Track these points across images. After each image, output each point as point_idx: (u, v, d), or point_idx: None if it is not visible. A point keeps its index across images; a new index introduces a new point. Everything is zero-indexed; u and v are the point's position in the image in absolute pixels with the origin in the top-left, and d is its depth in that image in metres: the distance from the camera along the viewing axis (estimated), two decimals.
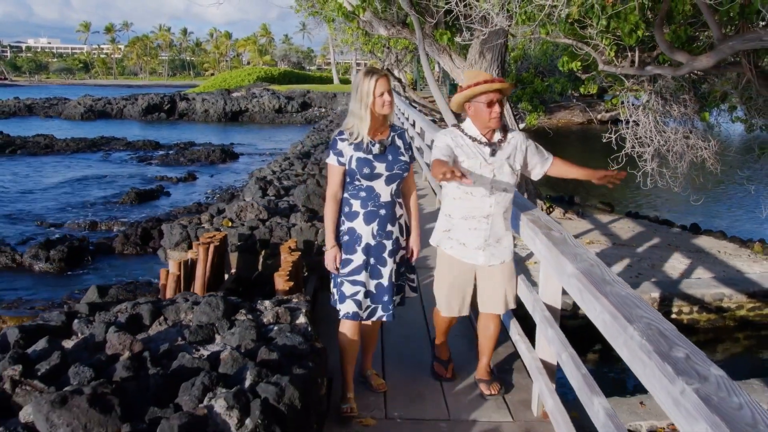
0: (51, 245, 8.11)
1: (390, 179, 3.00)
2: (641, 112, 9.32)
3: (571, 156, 19.71)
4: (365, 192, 2.99)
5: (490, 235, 3.14)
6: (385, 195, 3.01)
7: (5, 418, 2.35)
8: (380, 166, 2.95)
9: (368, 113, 2.89)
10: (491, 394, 3.36)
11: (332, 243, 3.03)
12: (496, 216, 3.12)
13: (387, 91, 2.92)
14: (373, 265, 3.02)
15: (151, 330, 3.15)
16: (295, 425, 2.47)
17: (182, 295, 3.51)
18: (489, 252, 3.17)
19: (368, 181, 2.97)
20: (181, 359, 2.72)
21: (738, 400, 1.32)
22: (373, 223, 3.00)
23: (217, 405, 2.34)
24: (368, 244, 3.00)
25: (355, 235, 3.01)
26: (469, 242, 3.16)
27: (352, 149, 2.95)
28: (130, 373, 2.59)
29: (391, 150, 3.01)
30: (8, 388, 2.43)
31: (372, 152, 2.95)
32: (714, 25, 5.73)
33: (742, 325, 6.45)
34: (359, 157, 2.94)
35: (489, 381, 3.41)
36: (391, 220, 3.04)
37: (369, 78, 2.88)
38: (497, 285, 3.22)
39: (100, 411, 2.24)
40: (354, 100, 2.93)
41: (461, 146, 3.05)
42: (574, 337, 3.02)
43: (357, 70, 4.20)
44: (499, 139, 3.09)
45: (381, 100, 2.89)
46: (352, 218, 3.01)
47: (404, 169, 3.03)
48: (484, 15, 7.97)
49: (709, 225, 10.76)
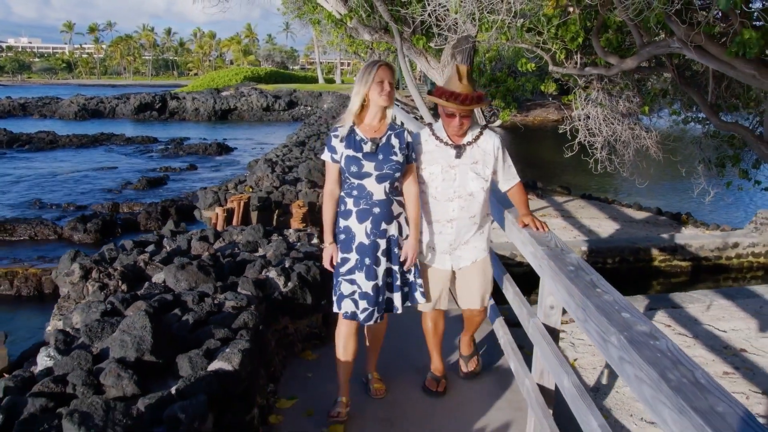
0: (86, 219, 9.55)
1: (381, 178, 2.87)
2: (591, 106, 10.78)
3: (545, 148, 21.25)
4: (357, 190, 2.90)
5: (455, 239, 3.10)
6: (379, 193, 2.89)
7: (141, 281, 3.87)
8: (369, 165, 2.85)
9: (360, 98, 2.83)
10: (469, 371, 3.40)
11: (329, 240, 2.98)
12: (461, 221, 3.06)
13: (388, 81, 2.82)
14: (369, 265, 2.91)
15: (215, 245, 4.67)
16: (315, 290, 4.01)
17: (230, 226, 5.04)
18: (456, 255, 3.15)
19: (358, 180, 2.88)
20: (242, 255, 4.26)
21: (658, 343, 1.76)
22: (366, 222, 2.90)
23: (271, 273, 3.88)
24: (362, 243, 2.92)
25: (351, 233, 2.93)
26: (437, 246, 3.14)
27: (344, 146, 2.87)
28: (211, 262, 4.11)
29: (384, 149, 2.87)
30: (142, 266, 3.96)
31: (362, 150, 2.86)
32: (636, 34, 6.95)
33: (655, 273, 8.10)
34: (348, 155, 2.85)
35: (468, 356, 3.44)
36: (386, 219, 2.92)
37: (372, 64, 2.84)
38: (471, 284, 3.21)
39: (204, 273, 3.77)
40: (355, 89, 2.88)
41: (425, 153, 3.03)
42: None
43: (341, 69, 3.80)
44: (468, 141, 3.01)
45: (379, 86, 2.80)
46: (347, 216, 2.94)
47: (395, 169, 2.88)
48: (454, 22, 9.32)
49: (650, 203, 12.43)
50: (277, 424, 3.08)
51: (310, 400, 3.30)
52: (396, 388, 3.46)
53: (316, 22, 17.12)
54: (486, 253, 3.20)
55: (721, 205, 13.36)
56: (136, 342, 2.69)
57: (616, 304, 2.16)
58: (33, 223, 9.55)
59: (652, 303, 5.65)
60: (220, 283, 3.70)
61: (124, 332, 2.74)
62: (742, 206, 13.72)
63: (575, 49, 8.64)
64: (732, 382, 4.24)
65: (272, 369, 3.48)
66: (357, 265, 2.93)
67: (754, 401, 3.99)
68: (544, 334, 2.83)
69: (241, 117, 37.10)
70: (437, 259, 3.17)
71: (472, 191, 3.01)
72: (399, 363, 3.77)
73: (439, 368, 3.49)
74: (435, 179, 3.01)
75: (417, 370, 3.65)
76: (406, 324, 3.98)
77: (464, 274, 3.20)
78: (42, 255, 8.44)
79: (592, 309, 2.15)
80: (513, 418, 3.23)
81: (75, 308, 3.30)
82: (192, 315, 3.17)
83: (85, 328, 2.91)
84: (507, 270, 3.68)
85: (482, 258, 3.19)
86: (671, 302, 5.69)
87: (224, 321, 3.15)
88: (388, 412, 3.23)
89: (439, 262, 3.17)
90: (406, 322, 3.91)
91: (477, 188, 3.01)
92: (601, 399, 3.98)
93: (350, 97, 2.92)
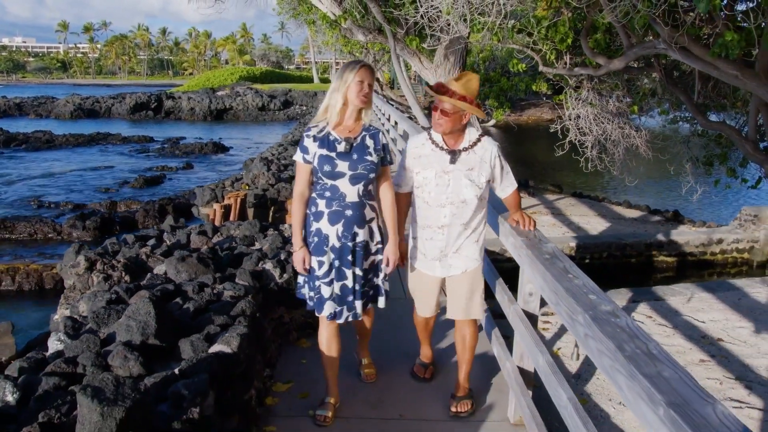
0: (85, 217, 9.72)
1: (355, 179, 2.83)
2: (581, 106, 10.96)
3: (538, 147, 21.47)
4: (330, 191, 2.85)
5: (446, 246, 3.05)
6: (352, 195, 2.84)
7: (143, 273, 4.05)
8: (342, 165, 2.80)
9: (341, 98, 2.78)
10: (458, 412, 3.19)
11: (300, 244, 2.92)
12: (452, 227, 3.01)
13: (368, 83, 2.79)
14: (338, 267, 2.90)
15: (213, 240, 4.86)
16: None
17: (228, 221, 5.23)
18: (446, 263, 3.09)
19: (331, 180, 2.82)
20: (239, 248, 4.44)
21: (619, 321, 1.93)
22: (338, 224, 2.86)
23: (267, 265, 4.06)
24: (333, 245, 2.88)
25: (323, 236, 2.88)
26: (428, 252, 3.10)
27: (317, 146, 2.82)
28: (210, 255, 4.29)
29: (358, 149, 2.84)
30: (144, 258, 4.14)
31: (336, 150, 2.81)
32: (623, 35, 7.01)
33: (642, 268, 8.32)
34: (322, 155, 2.80)
35: (461, 398, 3.24)
36: (358, 222, 2.88)
37: (354, 64, 2.80)
38: (458, 293, 3.14)
39: (203, 265, 3.96)
40: (332, 85, 2.84)
41: (420, 156, 2.99)
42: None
43: (337, 69, 3.59)
44: (464, 147, 2.96)
45: (359, 86, 2.76)
46: (318, 218, 2.88)
47: (370, 170, 2.84)
48: (447, 23, 9.48)
49: (639, 201, 12.66)
50: (274, 406, 3.26)
51: (305, 384, 3.49)
52: (387, 372, 3.61)
53: (312, 23, 17.31)
54: (478, 263, 3.11)
55: (709, 203, 13.63)
56: (141, 326, 2.88)
57: (585, 287, 2.36)
58: (32, 221, 9.72)
59: (635, 296, 5.85)
60: (219, 274, 3.89)
61: (129, 318, 2.93)
62: (730, 204, 13.98)
63: (564, 49, 8.83)
64: (707, 369, 4.45)
65: (269, 355, 3.67)
66: (331, 267, 2.90)
67: (727, 386, 4.20)
68: (523, 319, 3.03)
69: (236, 116, 37.28)
70: (427, 266, 3.13)
71: (465, 198, 2.95)
72: (390, 349, 3.92)
73: (428, 355, 3.60)
74: (428, 184, 2.97)
75: (407, 355, 3.79)
76: (399, 313, 4.18)
77: (453, 283, 3.14)
78: (42, 252, 8.60)
79: (563, 292, 2.34)
80: (496, 399, 3.43)
81: (81, 297, 3.48)
82: (192, 303, 3.35)
83: (92, 314, 3.09)
84: (496, 266, 3.78)
85: (473, 268, 3.10)
86: (654, 295, 5.90)
87: (223, 309, 3.33)
88: (379, 395, 3.39)
89: (429, 268, 3.13)
90: (398, 312, 4.10)
91: (470, 195, 2.95)
92: (582, 385, 4.18)
93: (326, 95, 2.87)
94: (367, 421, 3.17)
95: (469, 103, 2.83)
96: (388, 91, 29.36)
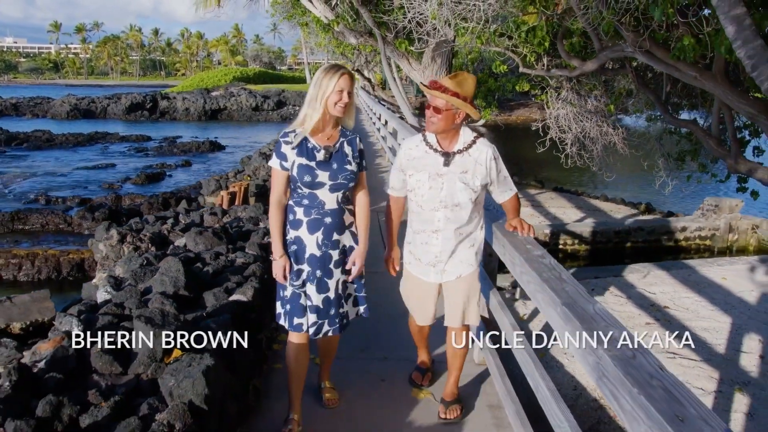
0: (94, 209, 10.36)
1: (334, 188, 2.78)
2: (561, 105, 11.63)
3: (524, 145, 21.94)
4: (308, 199, 2.78)
5: (441, 251, 2.97)
6: (331, 202, 2.79)
7: (166, 245, 4.72)
8: (323, 175, 2.73)
9: (322, 106, 2.69)
10: (446, 418, 3.13)
11: (280, 252, 2.81)
12: (447, 232, 2.93)
13: (348, 92, 2.71)
14: (320, 277, 2.82)
15: (223, 220, 5.53)
16: None
17: (234, 206, 5.91)
18: (440, 268, 3.01)
19: (310, 189, 2.75)
20: (247, 226, 5.12)
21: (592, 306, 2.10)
22: (318, 232, 2.79)
23: None
24: (313, 254, 2.80)
25: (302, 244, 2.80)
26: (422, 257, 3.03)
27: (296, 154, 2.73)
28: (222, 231, 4.96)
29: (338, 158, 2.78)
30: (165, 233, 4.81)
31: (315, 159, 2.74)
32: (595, 39, 7.47)
33: (611, 253, 9.05)
34: (301, 164, 2.72)
35: (449, 403, 3.18)
36: (338, 229, 2.83)
37: (333, 71, 2.70)
38: (453, 299, 3.06)
39: (218, 238, 4.63)
40: (311, 92, 2.74)
41: (414, 158, 2.92)
42: None
43: None
44: (458, 149, 2.88)
45: (339, 95, 2.68)
46: (297, 227, 2.80)
47: (350, 179, 2.80)
48: (433, 27, 10.13)
49: (616, 195, 13.40)
50: (279, 350, 3.94)
51: None
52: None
53: (305, 25, 17.98)
54: (473, 268, 3.03)
55: (682, 196, 14.37)
56: (173, 281, 3.56)
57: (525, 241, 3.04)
58: (44, 213, 10.35)
59: (598, 273, 6.58)
60: (231, 246, 4.57)
61: (162, 274, 3.60)
62: (701, 197, 14.74)
63: (542, 52, 9.52)
64: (651, 329, 5.17)
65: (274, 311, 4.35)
66: (309, 278, 2.81)
67: (665, 342, 4.92)
68: (502, 305, 3.45)
69: (230, 117, 37.85)
70: (422, 270, 3.05)
71: (459, 202, 2.87)
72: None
73: (425, 361, 3.54)
74: (422, 187, 2.89)
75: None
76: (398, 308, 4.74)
77: (449, 289, 3.05)
78: (56, 241, 9.23)
79: (524, 262, 2.76)
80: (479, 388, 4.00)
81: (117, 263, 4.15)
82: (211, 267, 4.04)
83: (131, 273, 3.77)
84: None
85: (468, 273, 3.02)
86: (613, 272, 6.62)
87: (237, 271, 4.01)
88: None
89: (424, 273, 3.05)
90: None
91: (464, 199, 2.87)
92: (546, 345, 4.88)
93: (305, 103, 2.77)
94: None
95: (457, 96, 2.74)
96: (380, 91, 30.10)
